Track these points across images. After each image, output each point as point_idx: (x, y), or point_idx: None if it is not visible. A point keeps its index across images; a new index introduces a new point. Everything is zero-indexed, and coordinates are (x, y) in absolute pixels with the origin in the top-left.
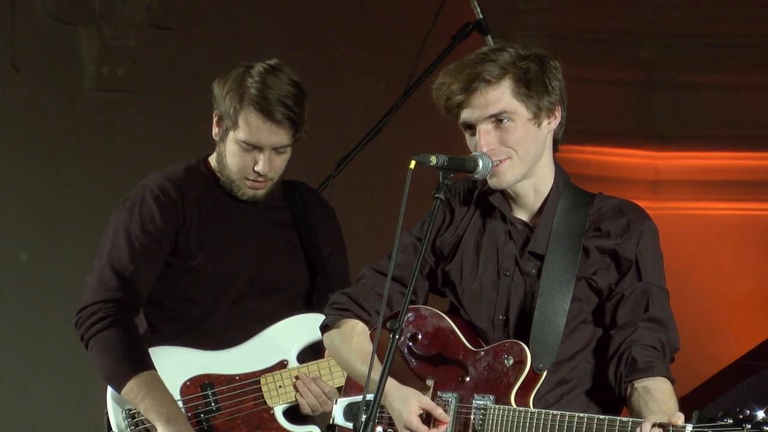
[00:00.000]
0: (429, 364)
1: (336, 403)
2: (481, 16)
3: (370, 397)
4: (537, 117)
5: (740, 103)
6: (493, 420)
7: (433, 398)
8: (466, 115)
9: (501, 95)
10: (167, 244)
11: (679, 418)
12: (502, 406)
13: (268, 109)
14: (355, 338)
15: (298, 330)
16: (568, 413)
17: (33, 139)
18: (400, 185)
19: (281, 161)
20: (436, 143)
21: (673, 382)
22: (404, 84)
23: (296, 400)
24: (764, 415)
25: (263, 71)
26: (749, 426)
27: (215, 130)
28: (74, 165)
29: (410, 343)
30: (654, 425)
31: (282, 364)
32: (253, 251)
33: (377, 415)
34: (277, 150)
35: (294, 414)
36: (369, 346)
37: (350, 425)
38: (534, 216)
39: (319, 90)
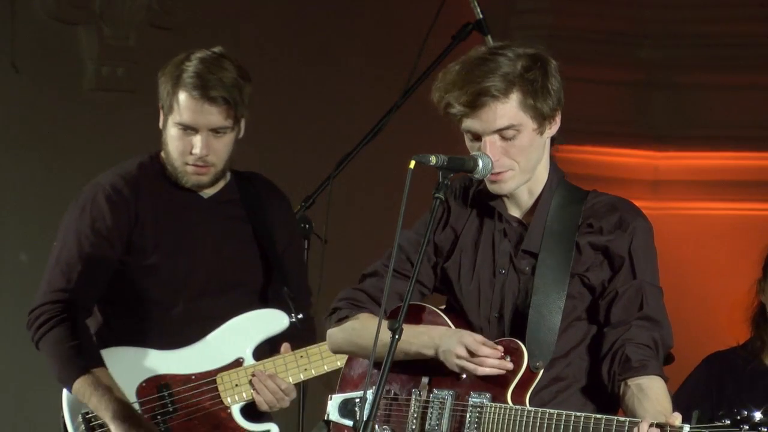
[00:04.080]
0: (425, 361)
1: (330, 399)
2: (481, 16)
3: (367, 393)
4: (541, 126)
5: (740, 103)
6: (489, 418)
7: (428, 396)
8: (471, 124)
9: (509, 109)
10: (119, 243)
11: (677, 418)
12: (498, 404)
13: (202, 88)
14: (373, 321)
15: (252, 327)
16: (564, 412)
17: (33, 139)
18: (400, 185)
19: (221, 145)
20: (436, 143)
21: (666, 380)
22: (404, 84)
23: (253, 397)
24: (762, 417)
25: (201, 56)
26: (747, 427)
27: (161, 119)
28: (74, 165)
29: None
30: (651, 425)
31: (238, 362)
32: (210, 248)
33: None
34: (215, 132)
35: (251, 412)
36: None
37: (345, 421)
38: (528, 213)
39: (319, 90)
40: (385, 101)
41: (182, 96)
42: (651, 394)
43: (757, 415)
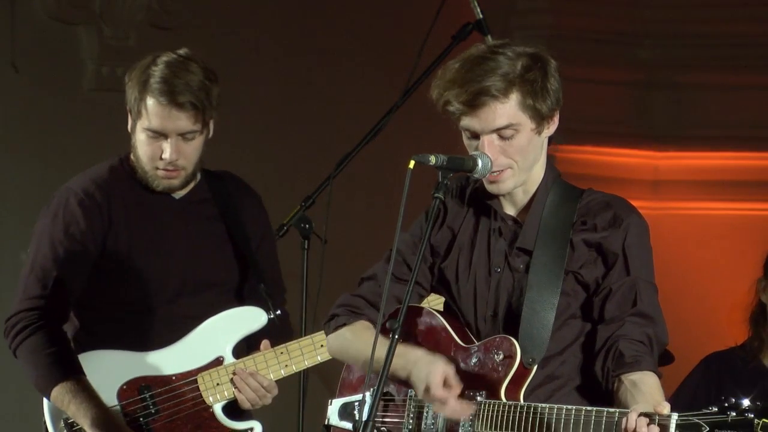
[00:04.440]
0: None
1: (330, 404)
2: (481, 16)
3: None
4: (539, 126)
5: (740, 103)
6: (483, 415)
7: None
8: (469, 123)
9: (508, 109)
10: (94, 247)
11: (665, 407)
12: (492, 401)
13: (169, 93)
14: (366, 332)
15: (231, 325)
16: (557, 405)
17: (33, 139)
18: (399, 185)
19: (190, 148)
20: (436, 143)
21: (660, 376)
22: (404, 84)
23: (235, 396)
24: (749, 403)
25: (167, 59)
26: (734, 413)
27: (129, 123)
28: (74, 165)
29: (403, 341)
30: (640, 415)
31: (218, 361)
32: (184, 248)
33: (360, 413)
34: (184, 136)
35: (233, 410)
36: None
37: (345, 425)
38: (523, 212)
39: (319, 90)
40: (385, 101)
41: (150, 102)
42: (644, 389)
43: (745, 402)
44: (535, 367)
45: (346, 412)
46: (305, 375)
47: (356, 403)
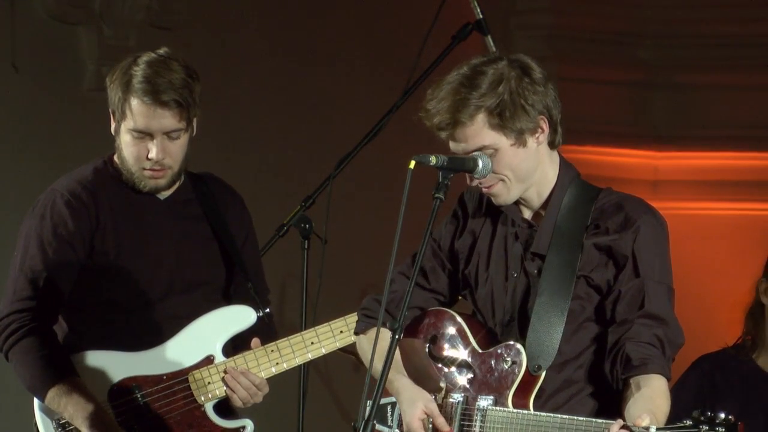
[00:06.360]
0: (443, 365)
1: (364, 401)
2: (481, 16)
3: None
4: (519, 139)
5: (740, 103)
6: (491, 421)
7: (444, 399)
8: (452, 146)
9: (477, 131)
10: (82, 248)
11: (644, 419)
12: (498, 408)
13: (153, 93)
14: (380, 343)
15: (220, 324)
16: (552, 415)
17: (33, 139)
18: (400, 185)
19: (176, 147)
20: (436, 143)
21: (668, 379)
22: (404, 84)
23: (226, 394)
24: (723, 416)
25: (147, 59)
26: (706, 427)
27: (112, 125)
28: (74, 165)
29: (430, 345)
30: (622, 427)
31: (208, 360)
32: (170, 248)
33: (393, 416)
34: (169, 135)
35: (225, 409)
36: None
37: (381, 428)
38: (538, 215)
39: (319, 90)
40: (385, 101)
41: (134, 102)
42: (646, 393)
43: (721, 415)
44: (543, 374)
45: (379, 414)
46: (305, 374)
47: (389, 406)
